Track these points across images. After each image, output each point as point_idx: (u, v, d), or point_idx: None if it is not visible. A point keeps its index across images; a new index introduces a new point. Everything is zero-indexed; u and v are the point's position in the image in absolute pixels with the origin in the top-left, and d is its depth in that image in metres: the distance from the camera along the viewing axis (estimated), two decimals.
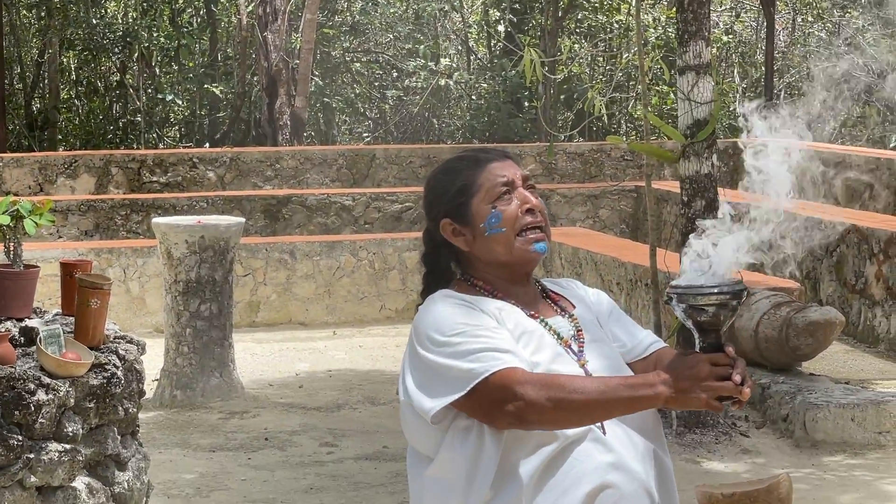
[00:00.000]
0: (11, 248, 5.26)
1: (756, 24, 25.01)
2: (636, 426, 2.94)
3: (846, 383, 9.02)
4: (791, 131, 2.85)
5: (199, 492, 7.44)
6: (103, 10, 24.16)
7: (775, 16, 20.29)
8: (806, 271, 11.86)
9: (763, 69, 20.88)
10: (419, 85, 24.37)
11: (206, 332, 9.39)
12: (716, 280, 2.76)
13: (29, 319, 5.10)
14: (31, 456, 4.57)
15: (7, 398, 4.55)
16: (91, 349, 4.84)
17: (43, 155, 17.21)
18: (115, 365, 4.88)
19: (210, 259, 9.41)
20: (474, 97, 24.83)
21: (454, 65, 26.02)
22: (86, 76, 24.17)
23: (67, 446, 4.65)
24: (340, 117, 25.28)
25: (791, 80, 24.26)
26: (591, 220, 15.40)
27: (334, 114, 24.87)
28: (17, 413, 4.56)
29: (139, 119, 23.44)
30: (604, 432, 2.90)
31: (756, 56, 24.28)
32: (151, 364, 8.99)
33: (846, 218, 11.77)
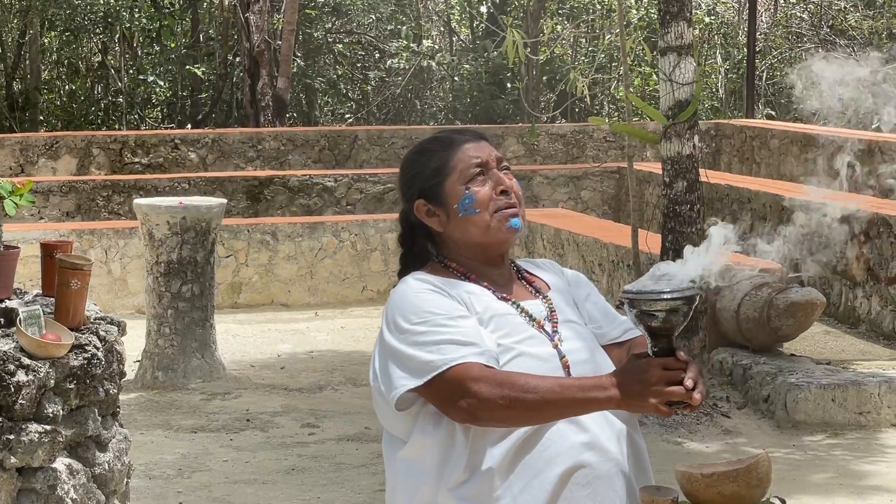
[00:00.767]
0: None
1: (738, 5, 25.01)
2: None
3: (827, 364, 9.06)
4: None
5: (181, 473, 7.44)
6: None
7: None
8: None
9: (745, 50, 20.88)
10: (401, 66, 24.33)
11: (188, 314, 9.38)
12: (668, 286, 2.73)
13: (9, 300, 5.08)
14: (11, 437, 4.56)
15: None
16: (71, 330, 4.82)
17: (24, 136, 17.15)
18: (96, 346, 4.87)
19: (192, 240, 9.39)
20: (457, 78, 24.81)
21: (436, 46, 25.99)
22: (67, 57, 24.08)
23: (48, 427, 4.63)
24: (323, 98, 25.23)
25: (773, 62, 24.27)
26: (574, 202, 15.40)
27: (316, 95, 24.83)
28: None
29: (121, 100, 23.37)
30: None
31: (738, 37, 24.29)
32: (133, 345, 8.99)
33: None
